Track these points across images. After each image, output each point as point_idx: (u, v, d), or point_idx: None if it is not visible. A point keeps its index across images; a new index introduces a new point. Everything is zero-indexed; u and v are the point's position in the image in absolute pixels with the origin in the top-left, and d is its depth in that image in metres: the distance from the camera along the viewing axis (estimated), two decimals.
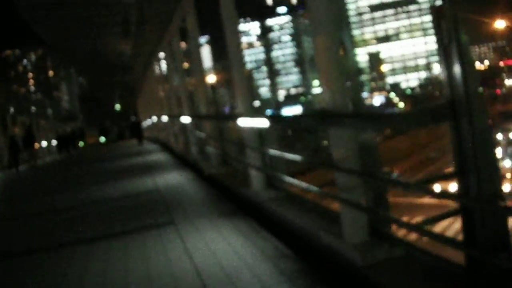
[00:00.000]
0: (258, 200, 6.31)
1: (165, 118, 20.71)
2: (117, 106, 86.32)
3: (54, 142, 33.32)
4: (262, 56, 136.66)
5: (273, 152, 6.00)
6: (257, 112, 6.88)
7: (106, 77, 34.98)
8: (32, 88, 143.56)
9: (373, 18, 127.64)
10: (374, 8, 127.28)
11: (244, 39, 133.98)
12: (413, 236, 10.60)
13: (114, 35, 18.27)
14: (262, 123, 5.99)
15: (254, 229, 5.36)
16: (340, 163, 3.80)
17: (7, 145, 22.63)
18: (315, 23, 4.24)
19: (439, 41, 2.80)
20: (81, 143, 40.46)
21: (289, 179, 5.58)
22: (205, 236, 5.38)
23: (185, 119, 13.75)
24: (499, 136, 55.90)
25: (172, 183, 9.99)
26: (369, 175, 3.78)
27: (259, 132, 6.35)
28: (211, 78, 28.09)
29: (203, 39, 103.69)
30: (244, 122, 6.80)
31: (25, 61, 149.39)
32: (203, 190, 8.70)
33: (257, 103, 7.69)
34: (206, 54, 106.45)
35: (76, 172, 17.08)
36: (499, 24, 40.53)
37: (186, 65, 15.26)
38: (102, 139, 40.57)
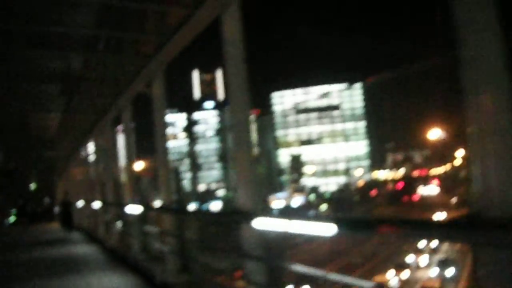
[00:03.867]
0: None
1: (97, 204, 18.25)
2: (32, 185, 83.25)
3: None
4: (185, 148, 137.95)
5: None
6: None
7: (26, 152, 34.06)
8: None
9: (297, 121, 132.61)
10: (299, 111, 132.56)
11: (169, 130, 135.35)
12: None
13: (42, 111, 18.45)
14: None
15: None
16: (248, 252, 4.61)
17: None
18: (234, 139, 5.14)
19: None
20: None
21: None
22: None
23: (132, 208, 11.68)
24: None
25: None
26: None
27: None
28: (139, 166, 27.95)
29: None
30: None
31: None
32: None
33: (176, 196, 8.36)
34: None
35: None
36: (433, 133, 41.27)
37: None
38: (12, 219, 39.44)
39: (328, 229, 3.69)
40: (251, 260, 4.67)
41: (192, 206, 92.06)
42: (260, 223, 4.43)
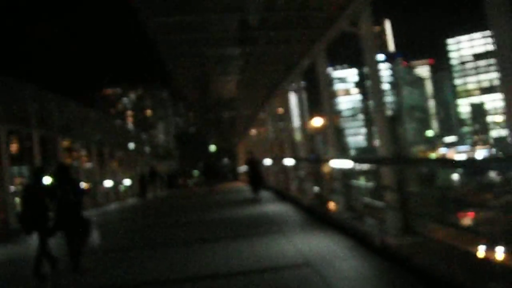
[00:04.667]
0: None
1: (289, 161, 17.12)
2: (212, 147, 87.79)
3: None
4: (359, 103, 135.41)
5: None
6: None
7: (206, 115, 35.02)
8: (130, 125, 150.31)
9: (477, 67, 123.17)
10: (478, 56, 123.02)
11: (341, 86, 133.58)
12: None
13: (222, 73, 18.26)
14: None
15: None
16: None
17: (138, 180, 29.87)
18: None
19: None
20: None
21: None
22: None
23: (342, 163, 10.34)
24: None
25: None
26: None
27: None
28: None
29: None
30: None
31: (125, 99, 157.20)
32: None
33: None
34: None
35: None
36: None
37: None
38: (195, 180, 42.95)
39: None
40: None
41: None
42: None
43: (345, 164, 9.83)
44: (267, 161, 20.52)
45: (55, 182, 8.32)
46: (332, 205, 11.02)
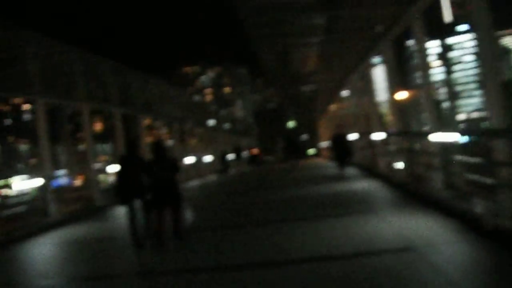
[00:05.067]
0: None
1: (377, 135, 15.78)
2: (291, 124, 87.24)
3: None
4: (441, 76, 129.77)
5: None
6: None
7: (285, 90, 34.43)
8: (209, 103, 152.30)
9: None
10: None
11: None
12: None
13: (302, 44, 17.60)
14: None
15: None
16: None
17: (219, 157, 31.98)
18: None
19: None
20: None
21: None
22: None
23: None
24: None
25: None
26: None
27: None
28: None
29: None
30: None
31: (203, 77, 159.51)
32: None
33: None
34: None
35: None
36: None
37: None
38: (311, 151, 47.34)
39: None
40: None
41: None
42: None
43: (447, 137, 8.89)
44: (352, 136, 19.62)
45: (151, 158, 8.49)
46: (428, 183, 10.14)
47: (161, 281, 6.43)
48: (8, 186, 32.07)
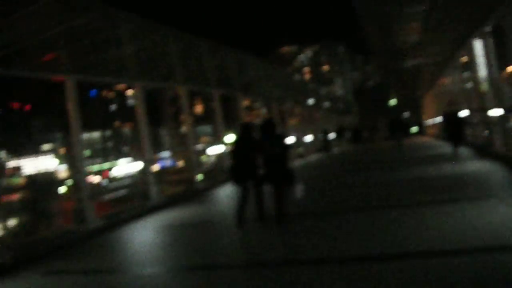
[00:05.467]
0: None
1: (496, 112, 14.18)
2: (392, 101, 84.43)
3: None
4: None
5: None
6: None
7: (387, 67, 32.99)
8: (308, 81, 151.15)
9: None
10: None
11: None
12: None
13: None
14: None
15: None
16: None
17: (321, 136, 30.80)
18: None
19: None
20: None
21: None
22: None
23: None
24: None
25: None
26: None
27: None
28: None
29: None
30: None
31: (301, 56, 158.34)
32: None
33: None
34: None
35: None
36: None
37: None
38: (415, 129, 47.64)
39: None
40: None
41: None
42: None
43: None
44: (463, 113, 18.13)
45: (262, 136, 8.68)
46: None
47: (265, 273, 5.88)
48: (114, 168, 33.38)
